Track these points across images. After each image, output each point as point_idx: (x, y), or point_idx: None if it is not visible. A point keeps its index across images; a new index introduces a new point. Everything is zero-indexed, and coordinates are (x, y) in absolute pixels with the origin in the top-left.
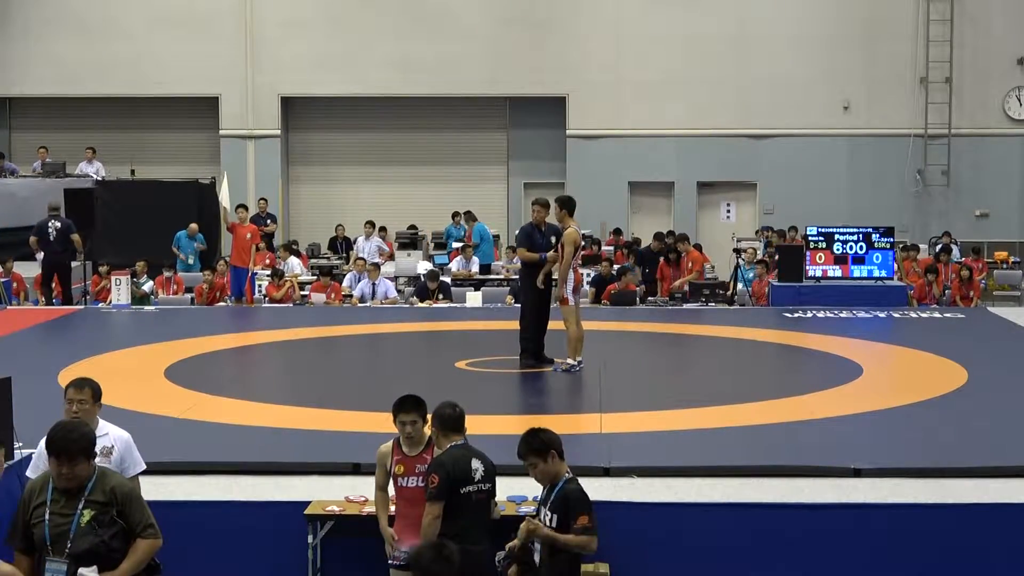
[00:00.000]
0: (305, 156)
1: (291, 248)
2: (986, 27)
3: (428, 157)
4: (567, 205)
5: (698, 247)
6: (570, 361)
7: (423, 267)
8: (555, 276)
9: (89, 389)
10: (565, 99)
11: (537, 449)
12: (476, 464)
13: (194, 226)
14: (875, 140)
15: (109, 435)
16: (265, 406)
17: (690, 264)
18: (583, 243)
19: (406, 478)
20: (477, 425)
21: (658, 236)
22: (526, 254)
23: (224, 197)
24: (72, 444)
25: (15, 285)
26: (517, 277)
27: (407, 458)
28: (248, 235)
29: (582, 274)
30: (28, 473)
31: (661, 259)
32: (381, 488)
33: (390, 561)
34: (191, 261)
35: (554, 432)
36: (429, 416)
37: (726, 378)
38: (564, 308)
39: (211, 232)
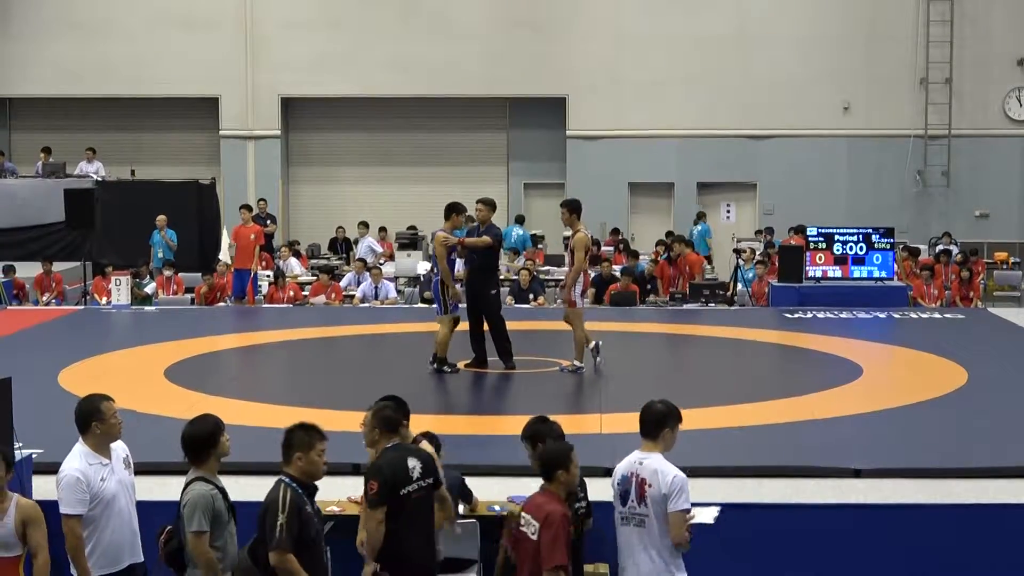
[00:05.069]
0: (305, 157)
1: (292, 249)
2: (986, 28)
3: (428, 157)
4: (575, 208)
5: (689, 244)
6: (576, 363)
7: (423, 267)
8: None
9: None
10: (565, 99)
11: (528, 436)
12: (412, 463)
13: (162, 218)
14: (875, 141)
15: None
16: (265, 406)
17: (687, 267)
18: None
19: None
20: (477, 425)
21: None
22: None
23: (224, 252)
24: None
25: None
26: (516, 278)
27: None
28: (252, 236)
29: (591, 275)
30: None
31: (661, 259)
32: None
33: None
34: (160, 255)
35: (556, 427)
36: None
37: (726, 378)
38: (571, 311)
39: (211, 234)
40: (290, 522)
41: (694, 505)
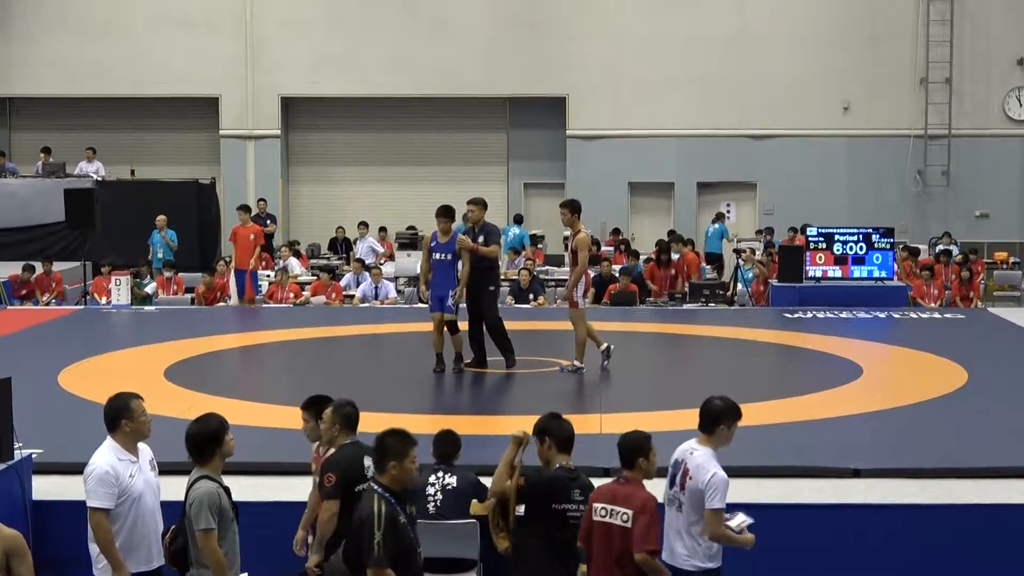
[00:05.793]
0: (305, 156)
1: (292, 249)
2: (986, 28)
3: (428, 157)
4: (576, 208)
5: (689, 243)
6: (577, 363)
7: None
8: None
9: None
10: (565, 99)
11: (538, 431)
12: (368, 461)
13: (162, 218)
14: (875, 140)
15: None
16: (265, 406)
17: (686, 266)
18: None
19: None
20: (477, 425)
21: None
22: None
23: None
24: None
25: (55, 285)
26: (517, 278)
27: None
28: (251, 236)
29: (591, 275)
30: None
31: (652, 261)
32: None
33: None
34: (160, 255)
35: (567, 424)
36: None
37: (726, 378)
38: (573, 311)
39: (210, 234)
40: (386, 537)
41: (730, 506)
